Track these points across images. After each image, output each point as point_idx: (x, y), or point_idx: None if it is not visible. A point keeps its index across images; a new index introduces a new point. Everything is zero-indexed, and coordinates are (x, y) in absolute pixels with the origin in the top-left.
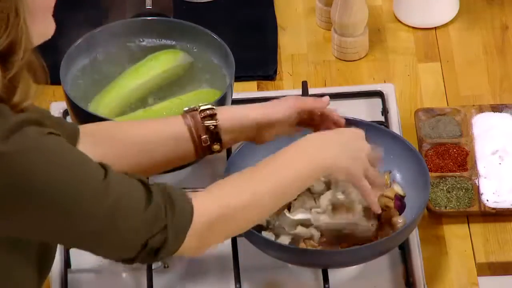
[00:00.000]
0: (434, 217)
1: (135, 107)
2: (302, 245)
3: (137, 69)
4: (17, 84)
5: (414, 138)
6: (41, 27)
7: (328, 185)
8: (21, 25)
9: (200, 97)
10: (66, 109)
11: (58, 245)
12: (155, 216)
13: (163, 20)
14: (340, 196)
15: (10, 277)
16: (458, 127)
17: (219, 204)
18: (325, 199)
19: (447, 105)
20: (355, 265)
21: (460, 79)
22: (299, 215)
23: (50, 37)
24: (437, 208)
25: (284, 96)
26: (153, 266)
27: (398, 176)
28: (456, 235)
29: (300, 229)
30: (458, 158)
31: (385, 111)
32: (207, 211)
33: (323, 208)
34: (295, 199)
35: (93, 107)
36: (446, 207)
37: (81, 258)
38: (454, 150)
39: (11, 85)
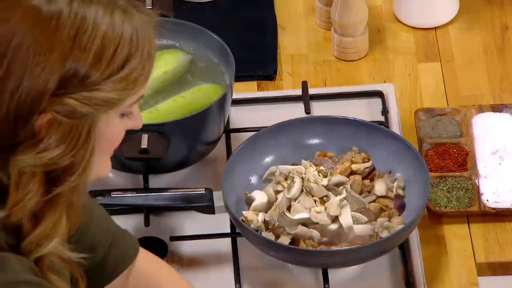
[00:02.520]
0: (434, 217)
1: (140, 108)
2: (302, 245)
3: None
4: (47, 212)
5: (414, 138)
6: (98, 165)
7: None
8: (88, 151)
9: (202, 93)
10: None
11: None
12: None
13: (163, 20)
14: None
15: None
16: (458, 127)
17: None
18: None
19: (447, 105)
20: (355, 265)
21: (460, 79)
22: (299, 215)
23: (102, 178)
24: (437, 208)
25: (284, 96)
26: None
27: (398, 176)
28: (456, 235)
29: (300, 229)
30: (458, 158)
31: (385, 111)
32: None
33: None
34: (295, 199)
35: None
36: (446, 207)
37: None
38: (454, 150)
39: (41, 211)
